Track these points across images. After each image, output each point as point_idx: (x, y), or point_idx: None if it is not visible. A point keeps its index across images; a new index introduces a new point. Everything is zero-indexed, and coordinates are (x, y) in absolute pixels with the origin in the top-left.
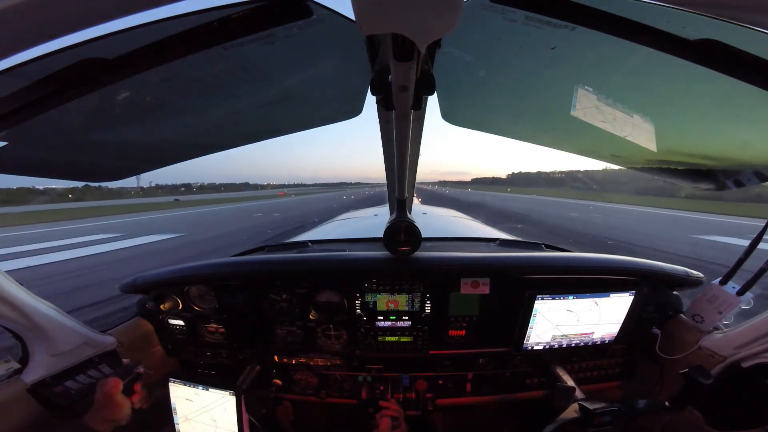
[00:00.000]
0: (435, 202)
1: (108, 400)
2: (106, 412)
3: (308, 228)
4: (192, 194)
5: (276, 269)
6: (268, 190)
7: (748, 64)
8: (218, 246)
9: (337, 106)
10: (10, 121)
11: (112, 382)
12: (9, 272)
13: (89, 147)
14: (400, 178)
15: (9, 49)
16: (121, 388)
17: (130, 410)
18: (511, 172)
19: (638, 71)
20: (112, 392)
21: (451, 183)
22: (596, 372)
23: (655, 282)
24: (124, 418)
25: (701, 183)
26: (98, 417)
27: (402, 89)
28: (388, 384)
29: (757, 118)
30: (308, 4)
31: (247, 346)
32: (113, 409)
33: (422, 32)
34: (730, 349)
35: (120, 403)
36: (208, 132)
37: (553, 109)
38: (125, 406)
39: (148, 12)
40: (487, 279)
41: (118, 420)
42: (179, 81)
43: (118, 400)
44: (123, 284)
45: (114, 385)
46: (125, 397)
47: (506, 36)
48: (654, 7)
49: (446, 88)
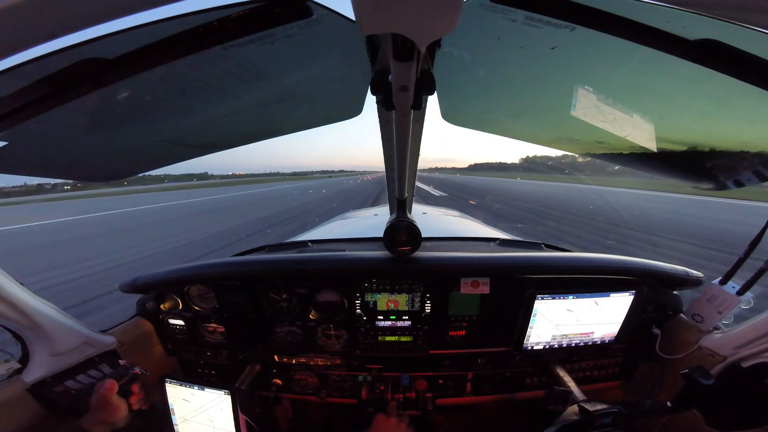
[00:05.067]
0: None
1: (103, 403)
2: (102, 414)
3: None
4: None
5: (276, 269)
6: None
7: (748, 64)
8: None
9: (337, 106)
10: (10, 121)
11: (107, 384)
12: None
13: (89, 147)
14: (400, 178)
15: (9, 49)
16: (116, 389)
17: (126, 412)
18: (504, 161)
19: (638, 71)
20: (107, 394)
21: (430, 170)
22: (596, 372)
23: (655, 282)
24: (120, 420)
25: (701, 183)
26: (94, 419)
27: (402, 89)
28: (388, 384)
29: (757, 118)
30: (308, 4)
31: (247, 346)
32: (109, 411)
33: (422, 32)
34: (730, 349)
35: (116, 404)
36: (208, 132)
37: (553, 109)
38: (121, 408)
39: (148, 12)
40: (487, 279)
41: (115, 422)
42: (179, 81)
43: (114, 401)
44: (123, 284)
45: (109, 387)
46: (121, 398)
47: (506, 36)
48: (654, 7)
49: (446, 88)
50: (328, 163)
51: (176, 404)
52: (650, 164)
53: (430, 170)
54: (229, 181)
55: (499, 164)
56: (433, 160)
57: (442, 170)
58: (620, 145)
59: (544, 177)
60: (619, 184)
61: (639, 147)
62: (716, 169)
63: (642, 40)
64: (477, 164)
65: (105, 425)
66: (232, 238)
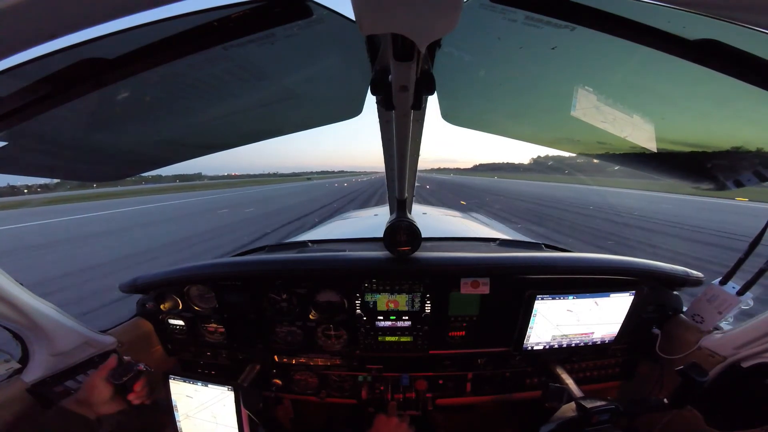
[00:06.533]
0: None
1: (89, 385)
2: (84, 394)
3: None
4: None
5: (276, 269)
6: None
7: (748, 64)
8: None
9: (337, 106)
10: (10, 121)
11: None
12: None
13: (89, 147)
14: (400, 178)
15: (9, 49)
16: (105, 375)
17: (109, 397)
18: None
19: (638, 71)
20: (95, 376)
21: (430, 170)
22: (596, 372)
23: (655, 282)
24: (101, 403)
25: (701, 183)
26: (78, 402)
27: (402, 89)
28: (388, 384)
29: (757, 118)
30: (308, 4)
31: (247, 346)
32: (88, 389)
33: (422, 32)
34: (730, 349)
35: (95, 385)
36: (208, 132)
37: (553, 109)
38: (104, 392)
39: (148, 12)
40: (487, 279)
41: (95, 403)
42: (179, 81)
43: (97, 382)
44: (123, 284)
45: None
46: (108, 383)
47: (506, 36)
48: (654, 7)
49: (446, 88)
50: (328, 163)
51: (179, 401)
52: (650, 164)
53: (431, 171)
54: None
55: (507, 164)
56: (434, 160)
57: (444, 171)
58: (620, 145)
59: (553, 178)
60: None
61: (639, 147)
62: (716, 169)
63: (642, 40)
64: (482, 165)
65: (86, 406)
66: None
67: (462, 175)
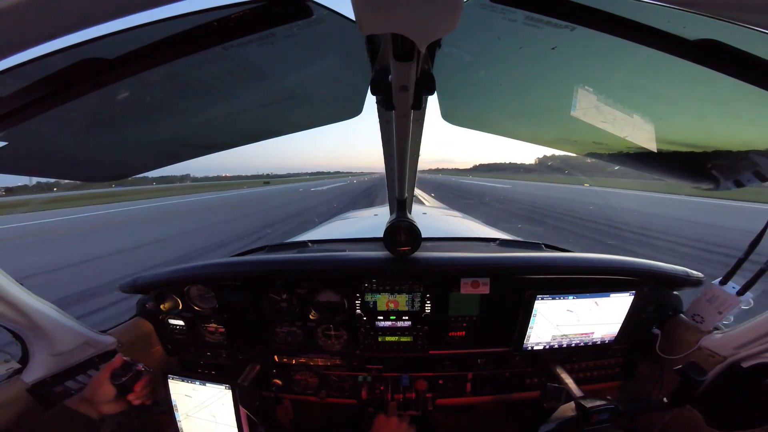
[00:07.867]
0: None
1: (94, 385)
2: (88, 392)
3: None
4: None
5: (276, 269)
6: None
7: (748, 64)
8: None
9: (337, 106)
10: (10, 121)
11: (102, 369)
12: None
13: (89, 147)
14: (400, 178)
15: (9, 49)
16: (108, 375)
17: (113, 397)
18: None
19: (638, 71)
20: (98, 377)
21: (430, 171)
22: (596, 372)
23: (655, 282)
24: (104, 402)
25: (701, 183)
26: (82, 398)
27: (402, 89)
28: (388, 384)
29: (757, 118)
30: (308, 4)
31: (247, 346)
32: (93, 389)
33: (422, 32)
34: (730, 349)
35: (100, 383)
36: (208, 132)
37: (553, 109)
38: (108, 392)
39: (148, 12)
40: (487, 279)
41: (98, 402)
42: (179, 81)
43: (101, 382)
44: (123, 284)
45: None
46: (111, 383)
47: (506, 36)
48: (654, 7)
49: (446, 88)
50: (327, 164)
51: (179, 400)
52: (650, 164)
53: (431, 171)
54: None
55: (510, 165)
56: (434, 160)
57: (443, 171)
58: (620, 145)
59: (553, 178)
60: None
61: (638, 147)
62: (716, 169)
63: (642, 40)
64: (482, 165)
65: (89, 406)
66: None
67: (457, 176)
